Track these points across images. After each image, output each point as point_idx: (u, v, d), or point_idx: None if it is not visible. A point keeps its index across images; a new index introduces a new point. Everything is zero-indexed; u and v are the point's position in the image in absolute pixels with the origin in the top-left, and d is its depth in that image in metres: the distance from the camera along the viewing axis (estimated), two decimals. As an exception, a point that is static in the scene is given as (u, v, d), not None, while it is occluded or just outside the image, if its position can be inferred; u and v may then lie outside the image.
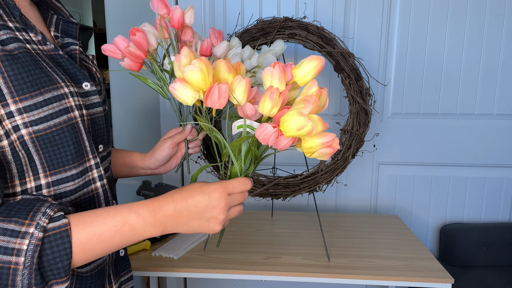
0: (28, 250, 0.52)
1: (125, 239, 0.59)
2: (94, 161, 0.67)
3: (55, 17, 0.71)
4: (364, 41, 1.58)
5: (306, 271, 1.15)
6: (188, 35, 0.90)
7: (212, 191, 0.62)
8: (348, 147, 1.26)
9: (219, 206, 0.62)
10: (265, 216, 1.57)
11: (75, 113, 0.63)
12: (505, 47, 1.57)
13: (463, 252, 1.62)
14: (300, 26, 1.21)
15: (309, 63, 0.66)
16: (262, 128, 0.62)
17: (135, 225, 0.59)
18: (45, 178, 0.60)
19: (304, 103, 0.62)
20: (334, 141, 0.63)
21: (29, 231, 0.52)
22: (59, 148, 0.60)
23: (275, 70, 0.63)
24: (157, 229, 0.61)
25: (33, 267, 0.52)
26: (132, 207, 0.60)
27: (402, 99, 1.62)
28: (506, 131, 1.63)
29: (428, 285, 1.13)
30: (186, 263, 1.19)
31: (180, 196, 0.62)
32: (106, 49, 0.84)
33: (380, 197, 1.71)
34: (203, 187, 0.63)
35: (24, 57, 0.58)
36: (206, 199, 0.62)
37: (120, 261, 0.79)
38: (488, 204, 1.69)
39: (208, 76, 0.65)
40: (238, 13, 1.58)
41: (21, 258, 0.51)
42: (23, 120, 0.56)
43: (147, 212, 0.60)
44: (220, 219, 0.63)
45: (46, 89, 0.58)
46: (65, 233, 0.54)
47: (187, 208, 0.61)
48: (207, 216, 0.62)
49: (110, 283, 0.75)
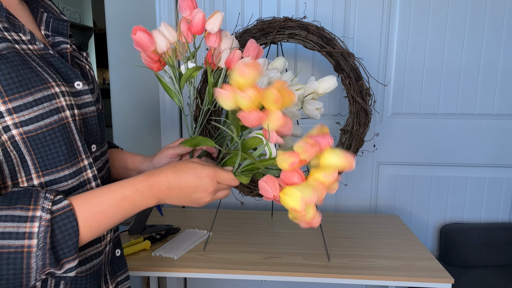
0: (40, 232, 0.53)
1: (125, 213, 0.63)
2: (87, 161, 0.66)
3: (45, 15, 0.70)
4: (364, 41, 1.58)
5: (306, 271, 1.15)
6: (212, 41, 0.82)
7: (204, 176, 0.67)
8: (348, 147, 1.26)
9: (207, 190, 0.68)
10: (265, 216, 1.57)
11: (66, 113, 0.62)
12: (505, 47, 1.57)
13: (463, 252, 1.62)
14: (300, 26, 1.21)
15: (342, 159, 0.65)
16: (265, 185, 0.66)
17: (134, 199, 0.63)
18: (37, 178, 0.60)
19: (311, 189, 0.63)
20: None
21: (37, 214, 0.54)
22: (51, 148, 0.60)
23: (312, 149, 0.64)
24: (153, 201, 0.66)
25: (47, 247, 0.54)
26: (129, 183, 0.64)
27: (402, 99, 1.63)
28: (506, 131, 1.63)
29: (428, 285, 1.13)
30: (186, 263, 1.19)
31: (174, 175, 0.66)
32: (138, 38, 0.78)
33: (380, 197, 1.71)
34: (197, 170, 0.68)
35: (13, 57, 0.57)
36: (197, 182, 0.67)
37: (116, 261, 0.79)
38: (488, 204, 1.69)
39: (254, 103, 0.65)
40: (238, 13, 1.58)
41: (33, 241, 0.53)
42: (14, 121, 0.56)
43: (143, 187, 0.64)
44: (206, 200, 0.69)
45: (36, 89, 0.58)
46: (70, 213, 0.57)
47: (179, 186, 0.66)
48: (195, 196, 0.68)
49: (106, 283, 0.75)
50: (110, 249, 0.74)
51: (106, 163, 0.77)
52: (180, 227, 1.42)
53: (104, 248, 0.70)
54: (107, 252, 0.73)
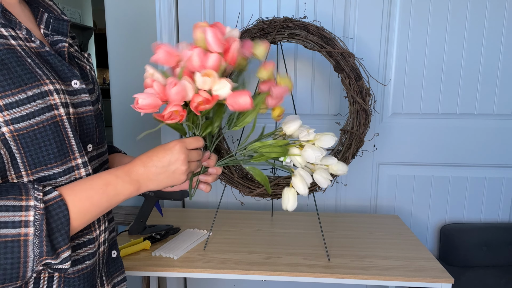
0: (36, 220, 0.54)
1: (110, 199, 0.65)
2: (81, 160, 0.66)
3: (46, 15, 0.71)
4: (364, 41, 1.58)
5: (306, 271, 1.15)
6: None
7: (172, 146, 0.70)
8: (348, 147, 1.26)
9: (180, 158, 0.70)
10: (265, 216, 1.57)
11: (60, 111, 0.62)
12: (505, 47, 1.57)
13: (463, 252, 1.62)
14: (300, 26, 1.21)
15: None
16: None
17: (116, 185, 0.65)
18: (27, 176, 0.60)
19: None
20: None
21: (30, 204, 0.55)
22: (41, 146, 0.60)
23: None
24: (134, 186, 0.67)
25: (43, 234, 0.54)
26: (110, 171, 0.66)
27: (402, 99, 1.63)
28: (506, 131, 1.63)
29: (428, 285, 1.13)
30: (186, 263, 1.19)
31: (146, 156, 0.70)
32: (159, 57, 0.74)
33: (380, 197, 1.71)
34: (164, 145, 0.71)
35: (5, 55, 0.57)
36: (168, 153, 0.70)
37: (113, 262, 0.78)
38: (488, 204, 1.69)
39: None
40: (238, 13, 1.58)
41: (30, 229, 0.54)
42: (4, 118, 0.56)
43: (122, 173, 0.67)
44: (183, 169, 0.71)
45: (28, 86, 0.58)
46: (61, 202, 0.58)
47: (154, 165, 0.68)
48: (172, 168, 0.70)
49: (102, 285, 0.75)
50: (105, 250, 0.73)
51: (103, 164, 0.76)
52: (180, 227, 1.42)
53: (98, 249, 0.70)
54: (102, 253, 0.72)
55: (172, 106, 0.70)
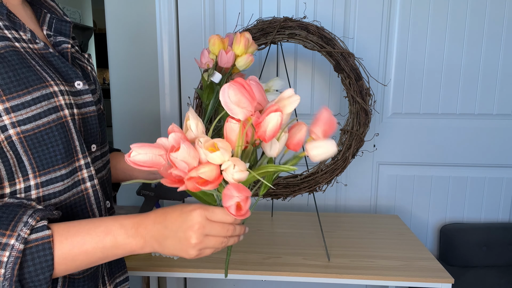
0: (8, 262, 0.52)
1: (106, 251, 0.59)
2: (84, 160, 0.66)
3: (48, 16, 0.71)
4: (364, 41, 1.58)
5: (306, 271, 1.15)
6: None
7: (189, 211, 0.60)
8: (348, 147, 1.26)
9: (193, 227, 0.59)
10: (265, 216, 1.57)
11: (65, 112, 0.62)
12: (505, 47, 1.57)
13: (463, 252, 1.62)
14: (300, 26, 1.21)
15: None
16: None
17: (117, 236, 0.59)
18: (34, 179, 0.59)
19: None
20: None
21: (10, 242, 0.52)
22: (48, 148, 0.60)
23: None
24: (138, 242, 0.61)
25: (13, 279, 0.52)
26: (116, 218, 0.61)
27: (402, 99, 1.62)
28: (506, 131, 1.63)
29: (428, 285, 1.13)
30: (186, 263, 1.19)
31: (161, 212, 0.62)
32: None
33: (380, 197, 1.71)
34: (183, 206, 0.61)
35: (11, 56, 0.57)
36: (183, 217, 0.60)
37: (115, 263, 0.78)
38: (488, 204, 1.69)
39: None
40: (238, 13, 1.58)
41: (1, 270, 0.51)
42: (11, 120, 0.56)
43: (130, 224, 0.60)
44: (192, 243, 0.59)
45: (34, 88, 0.58)
46: (47, 245, 0.55)
47: (165, 225, 0.60)
48: (180, 235, 0.60)
49: (104, 285, 0.74)
50: None
51: (107, 164, 0.76)
52: (180, 227, 1.42)
53: None
54: None
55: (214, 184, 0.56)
